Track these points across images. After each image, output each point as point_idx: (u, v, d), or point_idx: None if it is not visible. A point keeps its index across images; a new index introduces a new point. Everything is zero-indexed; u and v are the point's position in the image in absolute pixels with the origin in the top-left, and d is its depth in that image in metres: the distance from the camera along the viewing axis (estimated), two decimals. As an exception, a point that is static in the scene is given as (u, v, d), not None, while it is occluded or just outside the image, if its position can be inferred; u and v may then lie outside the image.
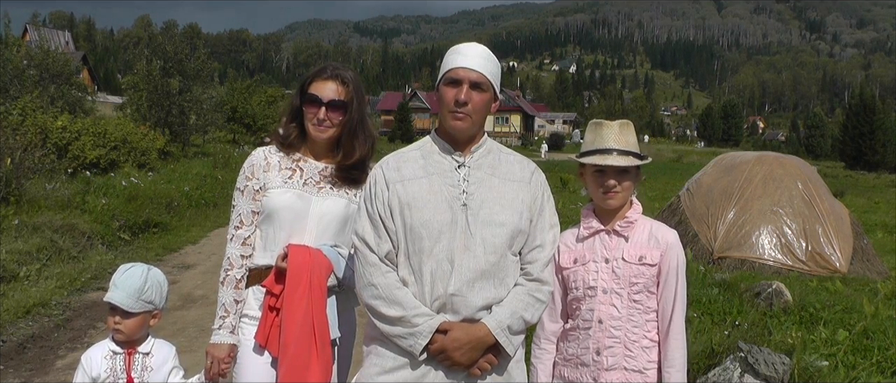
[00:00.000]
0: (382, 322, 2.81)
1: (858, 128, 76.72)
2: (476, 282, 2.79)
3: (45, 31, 60.26)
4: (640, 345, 3.12)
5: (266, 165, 3.30)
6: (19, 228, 10.75)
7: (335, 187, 3.31)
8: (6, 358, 6.79)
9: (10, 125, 17.81)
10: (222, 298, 3.26)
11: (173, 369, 3.35)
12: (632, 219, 3.20)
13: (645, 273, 3.12)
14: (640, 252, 3.14)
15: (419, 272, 2.81)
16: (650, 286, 3.13)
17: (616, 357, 3.11)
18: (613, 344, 3.11)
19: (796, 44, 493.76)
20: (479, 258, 2.80)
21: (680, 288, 3.13)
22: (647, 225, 3.22)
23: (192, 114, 31.40)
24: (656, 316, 3.15)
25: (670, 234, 3.19)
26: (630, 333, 3.11)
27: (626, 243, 3.17)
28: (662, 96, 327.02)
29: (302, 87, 3.30)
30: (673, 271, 3.13)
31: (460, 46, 2.96)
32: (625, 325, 3.11)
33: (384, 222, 2.87)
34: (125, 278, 3.21)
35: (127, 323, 3.20)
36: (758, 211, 11.20)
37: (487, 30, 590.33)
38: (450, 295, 2.76)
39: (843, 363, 5.97)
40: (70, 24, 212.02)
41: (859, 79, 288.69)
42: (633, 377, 3.11)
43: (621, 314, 3.12)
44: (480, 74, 2.86)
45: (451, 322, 2.77)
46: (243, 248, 3.28)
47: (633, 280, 3.12)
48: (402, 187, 2.87)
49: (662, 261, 3.13)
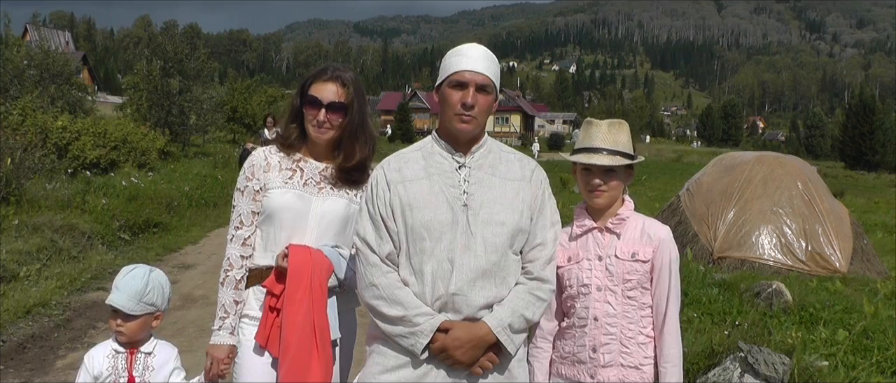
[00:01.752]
0: (384, 322, 2.82)
1: (858, 129, 76.78)
2: (477, 282, 2.79)
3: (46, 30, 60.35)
4: (636, 341, 3.13)
5: (266, 166, 3.30)
6: (19, 228, 10.75)
7: (336, 188, 3.31)
8: (6, 357, 6.80)
9: (11, 125, 17.83)
10: (222, 299, 3.26)
11: (175, 370, 3.35)
12: (624, 216, 3.21)
13: (638, 269, 3.13)
14: (632, 248, 3.15)
15: (420, 272, 2.81)
16: (644, 282, 3.14)
17: (612, 353, 3.12)
18: (609, 341, 3.12)
19: (796, 44, 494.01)
20: (479, 257, 2.80)
21: (674, 284, 3.15)
22: (640, 221, 3.23)
23: (192, 115, 31.39)
24: (651, 311, 3.17)
25: (662, 230, 3.20)
26: (625, 330, 3.12)
27: (618, 240, 3.18)
28: (662, 96, 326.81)
29: (302, 88, 3.29)
30: (666, 267, 3.14)
31: (462, 48, 2.95)
32: (620, 322, 3.12)
33: (385, 223, 2.87)
34: (126, 280, 3.20)
35: (129, 326, 3.20)
36: (758, 211, 11.20)
37: (487, 30, 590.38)
38: (451, 295, 2.77)
39: (843, 363, 5.97)
40: (70, 24, 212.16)
41: (859, 79, 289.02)
42: (629, 373, 3.12)
43: (616, 311, 3.13)
44: (486, 77, 2.87)
45: (452, 321, 2.77)
46: (243, 249, 3.28)
47: (627, 276, 3.13)
48: (403, 188, 2.88)
49: (655, 257, 3.14)
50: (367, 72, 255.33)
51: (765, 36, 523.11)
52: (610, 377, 3.11)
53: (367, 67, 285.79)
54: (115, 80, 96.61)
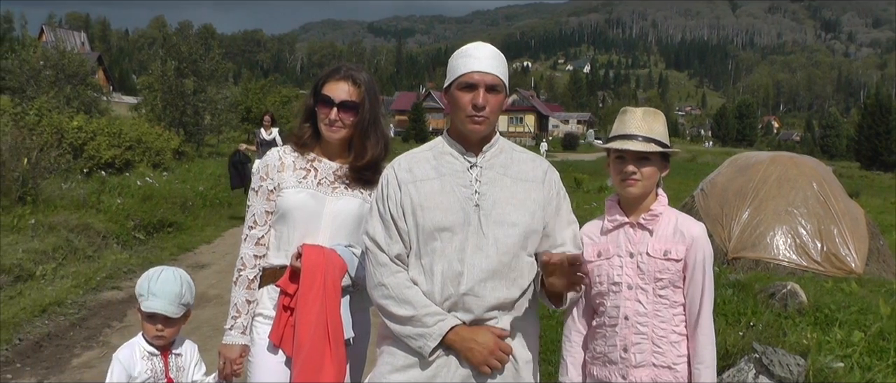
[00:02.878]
0: (393, 321, 2.81)
1: (874, 128, 76.43)
2: (488, 282, 2.77)
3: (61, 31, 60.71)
4: (668, 340, 3.02)
5: (280, 165, 3.30)
6: (35, 228, 10.82)
7: (349, 187, 3.30)
8: (23, 356, 6.84)
9: (27, 125, 17.96)
10: (234, 298, 3.27)
11: (197, 364, 3.39)
12: (657, 211, 3.09)
13: (670, 268, 3.01)
14: (664, 246, 3.03)
15: (430, 272, 2.80)
16: (676, 280, 3.03)
17: (644, 353, 3.02)
18: (640, 340, 3.03)
19: (811, 43, 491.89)
20: (491, 258, 2.78)
21: (707, 283, 3.02)
22: (673, 217, 3.10)
23: (206, 115, 31.57)
24: (683, 309, 3.06)
25: (696, 228, 3.08)
26: (657, 329, 3.02)
27: (651, 237, 3.06)
28: (676, 96, 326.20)
29: (315, 88, 3.30)
30: (699, 266, 3.02)
31: (469, 48, 2.93)
32: (651, 321, 3.02)
33: (396, 223, 2.86)
34: (161, 284, 3.19)
35: (170, 330, 3.22)
36: (772, 211, 11.15)
37: (501, 30, 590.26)
38: (462, 295, 2.75)
39: (859, 364, 5.93)
40: (85, 24, 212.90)
41: (875, 78, 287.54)
42: (662, 373, 3.02)
43: (647, 310, 3.03)
44: (495, 76, 2.84)
45: (464, 324, 2.77)
46: (257, 248, 3.28)
47: (658, 275, 3.02)
48: (414, 188, 2.86)
49: (688, 255, 3.02)
50: (381, 72, 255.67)
51: (779, 35, 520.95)
52: (642, 377, 3.02)
53: (381, 67, 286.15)
54: (130, 80, 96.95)
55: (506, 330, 2.81)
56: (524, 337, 2.91)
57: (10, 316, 7.55)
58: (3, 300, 8.08)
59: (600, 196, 24.01)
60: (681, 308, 3.06)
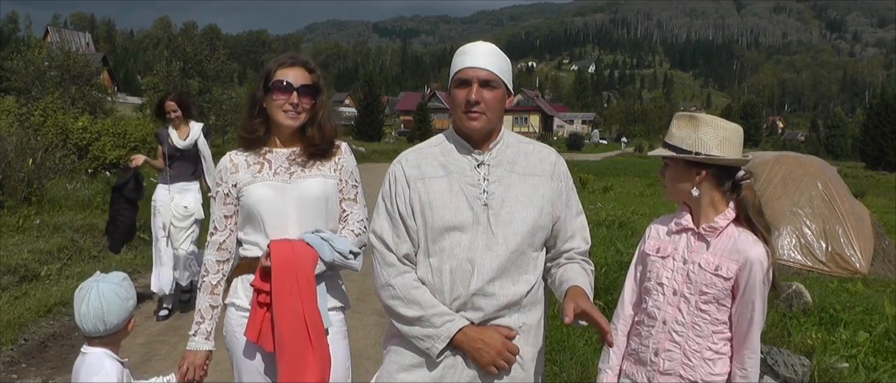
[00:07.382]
0: (400, 322, 2.81)
1: (880, 128, 76.24)
2: (497, 281, 2.76)
3: (66, 32, 60.81)
4: (701, 356, 2.95)
5: (233, 167, 3.27)
6: (40, 228, 10.84)
7: (305, 168, 3.27)
8: (28, 356, 6.85)
9: (32, 126, 17.99)
10: (198, 304, 3.26)
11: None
12: (719, 224, 2.96)
13: (717, 284, 2.91)
14: (717, 261, 2.93)
15: (439, 271, 2.79)
16: (722, 298, 2.93)
17: (673, 362, 2.97)
18: (672, 348, 2.98)
19: (816, 43, 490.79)
20: (500, 257, 2.77)
21: (758, 305, 2.90)
22: (734, 234, 2.96)
23: (211, 115, 31.58)
24: (726, 328, 2.97)
25: (754, 249, 2.90)
26: (691, 341, 2.96)
27: (706, 250, 2.97)
28: (681, 96, 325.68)
29: (266, 78, 3.24)
30: (752, 288, 2.88)
31: (466, 47, 2.93)
32: (687, 332, 2.96)
33: (405, 221, 2.85)
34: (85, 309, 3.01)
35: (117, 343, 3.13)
36: (777, 211, 11.13)
37: (506, 30, 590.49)
38: (471, 295, 2.75)
39: (864, 364, 5.93)
40: (90, 25, 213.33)
41: (880, 78, 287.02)
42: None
43: (686, 320, 2.96)
44: (489, 72, 2.82)
45: (473, 325, 2.76)
46: (219, 253, 3.28)
47: (705, 288, 2.93)
48: (422, 185, 2.86)
49: (740, 275, 2.89)
50: (386, 72, 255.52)
51: (784, 35, 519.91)
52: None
53: (386, 67, 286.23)
54: (135, 80, 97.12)
55: (513, 330, 2.80)
56: (531, 335, 2.89)
57: (15, 316, 7.56)
58: (9, 300, 8.10)
59: (605, 196, 23.98)
60: (723, 326, 2.97)
